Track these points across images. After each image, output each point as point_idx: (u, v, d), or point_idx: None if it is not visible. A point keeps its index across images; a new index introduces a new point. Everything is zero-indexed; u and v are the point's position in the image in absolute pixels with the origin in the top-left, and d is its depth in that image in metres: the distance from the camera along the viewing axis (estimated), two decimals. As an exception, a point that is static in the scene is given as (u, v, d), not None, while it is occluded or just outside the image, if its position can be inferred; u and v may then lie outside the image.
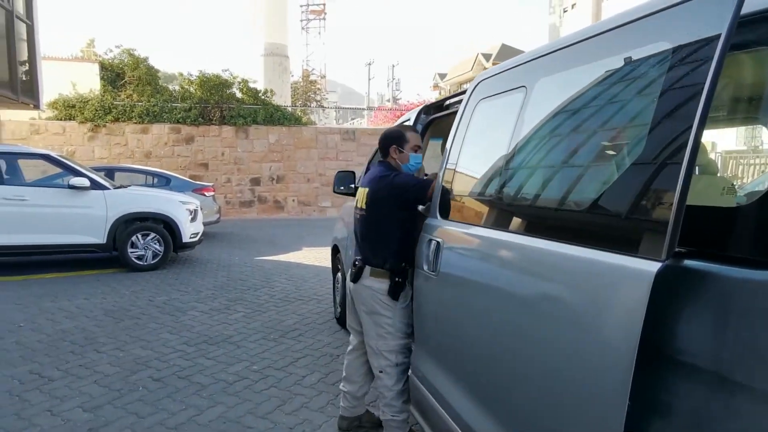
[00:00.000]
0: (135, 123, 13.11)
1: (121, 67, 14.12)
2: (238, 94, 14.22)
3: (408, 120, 3.26)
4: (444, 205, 2.10)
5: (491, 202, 1.78)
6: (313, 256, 7.74)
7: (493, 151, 1.78)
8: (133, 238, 6.51)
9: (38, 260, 7.05)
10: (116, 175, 8.78)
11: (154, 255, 6.62)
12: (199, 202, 7.64)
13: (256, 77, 16.70)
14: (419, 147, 2.38)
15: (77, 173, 6.38)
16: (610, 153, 1.28)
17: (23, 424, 2.61)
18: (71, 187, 6.22)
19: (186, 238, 6.83)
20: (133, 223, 6.52)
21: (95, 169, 7.60)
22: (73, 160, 7.01)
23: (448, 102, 2.81)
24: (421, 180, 2.42)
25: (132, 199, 6.69)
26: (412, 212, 2.31)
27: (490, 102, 1.95)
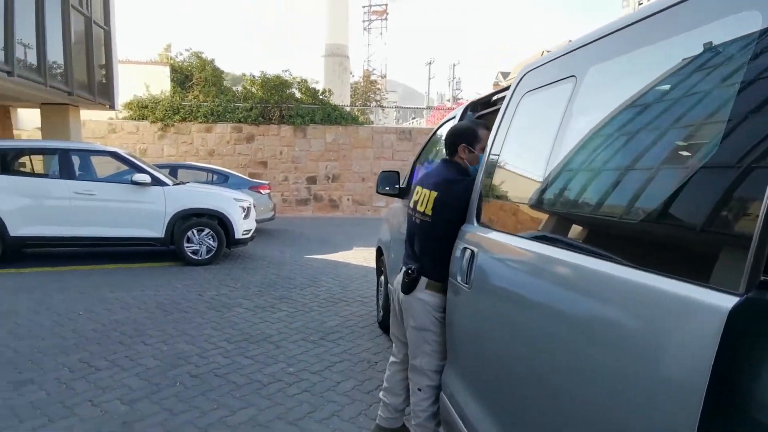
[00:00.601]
0: (200, 122, 13.70)
1: (189, 69, 14.85)
2: (297, 94, 14.49)
3: (454, 117, 3.07)
4: (482, 209, 1.90)
5: (534, 209, 1.55)
6: (362, 256, 7.68)
7: (537, 150, 1.57)
8: (189, 233, 6.74)
9: (103, 251, 7.48)
10: (179, 172, 9.17)
11: (208, 250, 6.82)
12: (254, 200, 7.80)
13: (317, 77, 17.00)
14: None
15: (140, 170, 6.70)
16: (677, 154, 1.04)
17: (65, 413, 2.69)
18: (134, 183, 6.54)
19: (239, 234, 6.98)
20: (189, 219, 6.75)
21: (159, 167, 7.96)
22: (138, 158, 7.37)
23: (495, 97, 2.60)
24: None
25: (189, 196, 6.93)
26: None
27: (535, 95, 1.73)
